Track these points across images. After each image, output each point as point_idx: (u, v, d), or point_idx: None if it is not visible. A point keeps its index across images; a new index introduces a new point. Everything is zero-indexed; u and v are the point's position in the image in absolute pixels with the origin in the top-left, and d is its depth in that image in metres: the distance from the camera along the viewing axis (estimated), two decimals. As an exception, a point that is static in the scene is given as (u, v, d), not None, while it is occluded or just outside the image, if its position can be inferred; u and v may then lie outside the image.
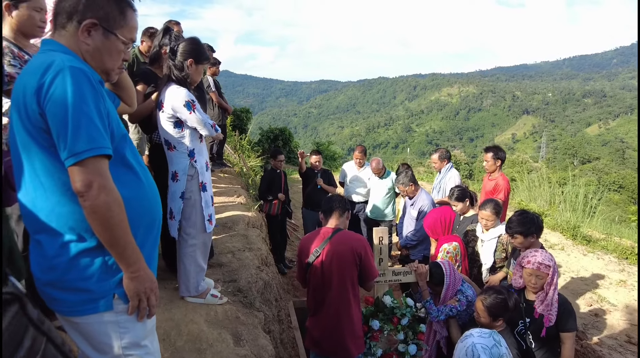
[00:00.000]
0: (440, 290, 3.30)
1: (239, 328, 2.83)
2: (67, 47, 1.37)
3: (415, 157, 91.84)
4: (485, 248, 3.84)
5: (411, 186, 4.72)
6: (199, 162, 2.61)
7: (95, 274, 1.36)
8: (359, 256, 2.82)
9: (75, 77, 1.26)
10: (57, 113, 1.23)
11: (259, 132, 18.14)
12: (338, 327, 2.85)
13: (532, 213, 3.27)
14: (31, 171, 1.32)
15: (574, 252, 7.43)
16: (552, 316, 2.78)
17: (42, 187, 1.32)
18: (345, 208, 2.98)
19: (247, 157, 9.63)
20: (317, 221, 6.16)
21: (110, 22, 1.40)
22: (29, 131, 1.28)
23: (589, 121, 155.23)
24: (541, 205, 10.14)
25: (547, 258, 2.85)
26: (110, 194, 1.28)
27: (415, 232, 4.68)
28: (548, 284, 2.80)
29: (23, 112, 1.28)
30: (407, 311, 3.24)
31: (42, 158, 1.30)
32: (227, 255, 3.78)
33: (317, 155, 6.22)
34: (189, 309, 2.80)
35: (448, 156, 5.48)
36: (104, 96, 1.36)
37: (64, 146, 1.24)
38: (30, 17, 2.11)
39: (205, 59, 2.64)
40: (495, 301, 2.80)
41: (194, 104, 2.53)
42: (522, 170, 15.80)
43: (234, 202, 5.21)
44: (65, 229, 1.34)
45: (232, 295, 3.21)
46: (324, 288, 2.84)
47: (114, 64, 1.47)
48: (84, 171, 1.25)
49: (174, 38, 2.79)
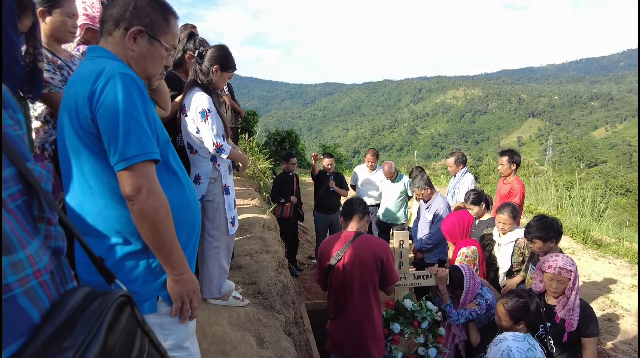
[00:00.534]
0: (459, 293, 3.31)
1: (262, 331, 2.85)
2: (114, 53, 1.40)
3: (421, 160, 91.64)
4: (502, 251, 3.85)
5: (427, 190, 4.74)
6: (222, 165, 2.64)
7: (140, 276, 1.39)
8: (380, 260, 2.83)
9: (125, 83, 1.28)
10: (108, 119, 1.26)
11: (266, 135, 18.21)
12: (360, 330, 2.86)
13: (551, 218, 3.27)
14: (80, 175, 1.35)
15: (584, 256, 7.40)
16: (573, 321, 2.78)
17: (90, 191, 1.34)
18: (366, 211, 3.00)
19: (257, 159, 9.67)
20: (328, 223, 6.18)
21: (155, 29, 1.43)
22: (80, 136, 1.31)
23: (595, 124, 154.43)
24: (549, 209, 10.11)
25: (568, 262, 2.85)
26: (158, 199, 1.30)
27: (430, 236, 4.69)
28: (570, 289, 2.80)
29: (75, 117, 1.30)
30: (427, 315, 3.25)
31: (92, 162, 1.32)
32: (245, 257, 3.80)
33: (329, 158, 6.25)
34: (212, 311, 2.83)
35: (464, 160, 5.46)
36: (150, 102, 1.38)
37: (114, 150, 1.27)
38: (63, 22, 2.14)
39: (231, 67, 2.67)
40: (517, 304, 2.80)
41: (208, 114, 2.55)
42: (529, 174, 15.74)
43: (249, 204, 5.24)
44: (112, 232, 1.36)
45: (253, 297, 3.23)
46: (346, 291, 2.86)
47: (156, 70, 1.50)
48: (134, 176, 1.27)
49: (198, 43, 2.83)
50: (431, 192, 4.78)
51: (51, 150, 2.10)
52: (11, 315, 0.51)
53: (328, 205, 6.10)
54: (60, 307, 0.56)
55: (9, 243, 0.52)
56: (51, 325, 0.54)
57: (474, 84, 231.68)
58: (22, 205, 0.56)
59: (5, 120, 0.58)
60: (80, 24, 2.42)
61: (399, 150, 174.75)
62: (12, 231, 0.52)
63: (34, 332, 0.53)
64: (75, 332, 0.53)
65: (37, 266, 0.55)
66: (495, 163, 19.94)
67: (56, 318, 0.54)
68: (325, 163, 6.18)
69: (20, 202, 0.56)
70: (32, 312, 0.54)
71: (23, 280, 0.53)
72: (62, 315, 0.55)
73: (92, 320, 0.55)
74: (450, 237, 3.97)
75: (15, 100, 0.63)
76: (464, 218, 3.93)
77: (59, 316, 0.55)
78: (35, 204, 0.59)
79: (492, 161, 42.25)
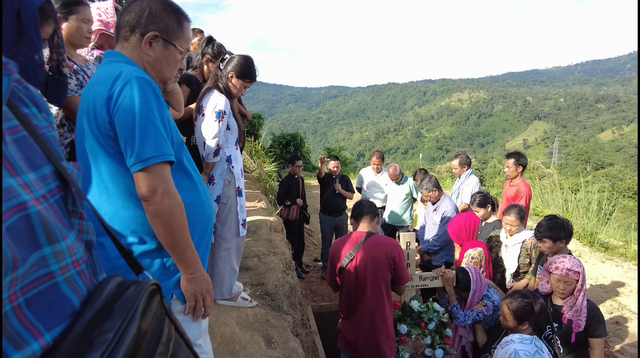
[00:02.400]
0: (466, 295, 3.33)
1: (270, 331, 2.88)
2: (130, 58, 1.44)
3: (426, 163, 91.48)
4: (509, 253, 3.86)
5: (435, 192, 4.75)
6: (235, 168, 2.68)
7: (154, 275, 1.42)
8: (393, 260, 2.86)
9: (141, 87, 1.32)
10: (125, 121, 1.30)
11: (271, 138, 18.32)
12: (372, 329, 2.89)
13: (562, 218, 3.28)
14: (97, 176, 1.39)
15: (591, 259, 7.37)
16: (581, 322, 2.79)
17: (107, 192, 1.38)
18: (375, 213, 3.03)
19: (263, 162, 9.72)
20: (334, 226, 6.21)
21: (170, 34, 1.47)
22: (97, 138, 1.35)
23: (602, 126, 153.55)
24: (554, 211, 10.08)
25: (575, 264, 2.86)
26: (173, 199, 1.33)
27: (437, 238, 4.71)
28: (578, 290, 2.81)
29: (93, 120, 1.34)
30: (434, 316, 3.27)
31: (109, 163, 1.36)
32: (252, 258, 3.84)
33: (335, 161, 6.29)
34: (220, 311, 2.86)
35: (469, 162, 5.49)
36: (165, 105, 1.42)
37: (131, 152, 1.30)
38: (79, 28, 2.19)
39: (249, 77, 2.68)
40: (521, 304, 2.81)
41: (223, 116, 2.58)
42: (534, 176, 15.69)
43: (256, 207, 5.28)
44: (127, 232, 1.40)
45: (261, 298, 3.26)
46: (358, 291, 2.89)
47: (171, 73, 1.54)
48: (149, 177, 1.30)
49: (217, 47, 2.92)
50: (439, 194, 4.80)
51: (66, 153, 2.14)
52: (55, 300, 0.55)
53: (334, 208, 6.13)
54: (97, 294, 0.60)
55: (52, 233, 0.56)
56: (91, 309, 0.58)
57: (479, 87, 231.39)
58: (60, 200, 0.61)
59: (40, 122, 0.63)
60: (95, 29, 2.48)
61: (404, 153, 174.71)
62: (55, 223, 0.56)
63: (75, 316, 0.57)
64: (113, 316, 0.57)
65: (76, 256, 0.60)
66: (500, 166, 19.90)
67: (95, 304, 0.59)
68: (331, 166, 6.21)
69: (57, 197, 0.60)
70: (73, 298, 0.58)
71: (64, 268, 0.57)
72: (100, 301, 0.59)
73: (128, 305, 0.59)
74: (456, 239, 3.99)
75: (46, 103, 0.68)
76: (471, 219, 3.94)
77: (97, 302, 0.59)
78: (70, 199, 0.63)
79: (498, 164, 42.10)
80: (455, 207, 4.76)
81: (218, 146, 2.60)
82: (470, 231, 3.88)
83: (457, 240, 3.99)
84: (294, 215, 5.91)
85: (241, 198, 2.72)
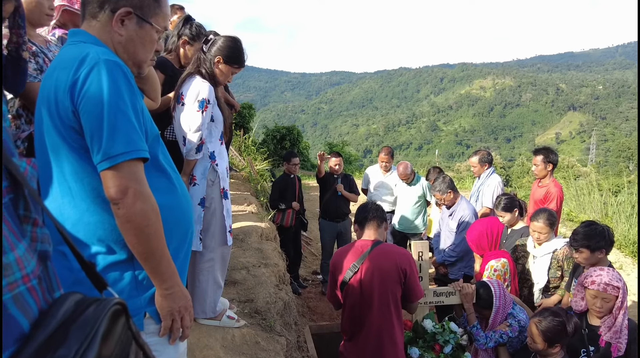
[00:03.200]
0: (488, 313, 3.32)
1: (260, 355, 2.88)
2: (97, 38, 1.44)
3: (443, 160, 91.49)
4: (538, 265, 3.86)
5: (450, 194, 4.74)
6: (220, 166, 2.68)
7: (124, 290, 1.42)
8: (404, 273, 2.85)
9: (111, 71, 1.32)
10: (92, 111, 1.29)
11: (263, 132, 18.35)
12: (379, 352, 2.88)
13: (601, 225, 3.28)
14: (59, 175, 1.38)
15: (634, 271, 7.37)
16: (621, 345, 2.79)
17: (70, 193, 1.37)
18: (383, 217, 3.02)
19: (254, 160, 9.73)
20: (336, 233, 6.21)
21: (145, 10, 1.46)
22: (60, 130, 1.34)
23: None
24: (592, 217, 10.08)
25: (615, 277, 2.86)
26: (146, 202, 1.32)
27: (454, 247, 4.70)
28: (617, 308, 2.81)
29: (54, 109, 1.33)
30: (450, 338, 3.27)
31: (72, 160, 1.35)
32: (241, 271, 3.84)
33: (337, 157, 6.27)
34: (202, 332, 2.86)
35: (490, 160, 5.48)
36: (139, 92, 1.42)
37: (98, 148, 1.29)
38: (38, 4, 2.19)
39: (237, 62, 2.70)
40: (552, 324, 2.80)
41: (207, 106, 2.58)
42: (568, 176, 15.68)
43: (245, 211, 5.29)
44: (93, 240, 1.39)
45: (250, 317, 3.27)
46: (363, 308, 2.88)
47: (147, 55, 1.54)
48: (119, 176, 1.29)
49: (195, 28, 2.90)
50: (455, 196, 4.79)
51: (24, 148, 2.14)
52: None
53: (335, 212, 6.12)
54: (51, 315, 0.59)
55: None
56: (42, 333, 0.56)
57: (504, 73, 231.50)
58: (9, 203, 0.60)
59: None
60: (57, 5, 2.48)
61: (418, 149, 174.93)
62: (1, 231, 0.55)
63: (23, 341, 0.56)
64: (68, 341, 0.56)
65: (26, 270, 0.58)
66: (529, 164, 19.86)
67: (47, 327, 0.57)
68: (333, 164, 6.20)
69: (6, 200, 0.59)
70: (22, 320, 0.57)
71: (12, 284, 0.56)
72: (54, 323, 0.58)
73: (86, 329, 0.58)
74: (476, 248, 3.98)
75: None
76: (493, 226, 3.93)
77: (51, 323, 0.58)
78: (21, 203, 0.62)
79: (526, 161, 42.08)
80: (474, 211, 4.75)
81: (201, 141, 2.59)
82: (492, 240, 3.88)
83: (477, 249, 3.99)
84: (290, 221, 5.91)
85: (227, 201, 2.72)
